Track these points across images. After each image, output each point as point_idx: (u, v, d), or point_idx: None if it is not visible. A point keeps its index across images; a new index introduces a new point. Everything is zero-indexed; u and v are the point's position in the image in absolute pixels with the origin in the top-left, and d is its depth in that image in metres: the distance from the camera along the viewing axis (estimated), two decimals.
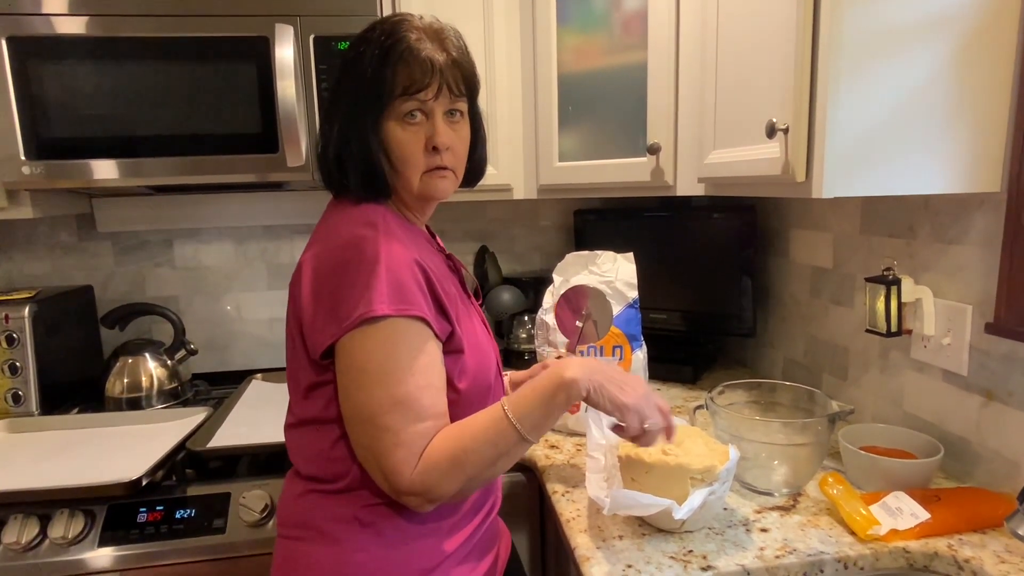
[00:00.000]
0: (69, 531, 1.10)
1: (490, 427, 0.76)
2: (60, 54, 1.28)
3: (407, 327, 0.74)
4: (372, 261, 0.74)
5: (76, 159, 1.31)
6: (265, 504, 1.15)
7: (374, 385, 0.73)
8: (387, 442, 0.73)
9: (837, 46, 0.88)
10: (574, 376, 0.77)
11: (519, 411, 0.76)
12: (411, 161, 0.82)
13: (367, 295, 0.72)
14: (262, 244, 1.83)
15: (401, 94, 0.79)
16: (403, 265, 0.75)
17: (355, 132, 0.81)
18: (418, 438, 0.75)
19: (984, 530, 0.92)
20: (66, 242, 1.74)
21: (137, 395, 1.55)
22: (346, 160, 0.82)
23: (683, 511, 0.85)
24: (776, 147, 0.97)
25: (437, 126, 0.81)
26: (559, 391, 0.77)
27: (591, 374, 0.79)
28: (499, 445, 0.76)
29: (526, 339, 1.81)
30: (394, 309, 0.73)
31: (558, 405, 0.78)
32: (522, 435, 0.76)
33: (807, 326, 1.47)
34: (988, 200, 1.00)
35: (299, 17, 1.34)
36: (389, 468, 0.74)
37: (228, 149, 1.36)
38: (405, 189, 0.85)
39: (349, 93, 0.81)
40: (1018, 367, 0.97)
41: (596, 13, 1.42)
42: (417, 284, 0.76)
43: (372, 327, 0.73)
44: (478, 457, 0.75)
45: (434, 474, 0.74)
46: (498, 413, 0.77)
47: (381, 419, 0.73)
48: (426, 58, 0.79)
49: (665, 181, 1.34)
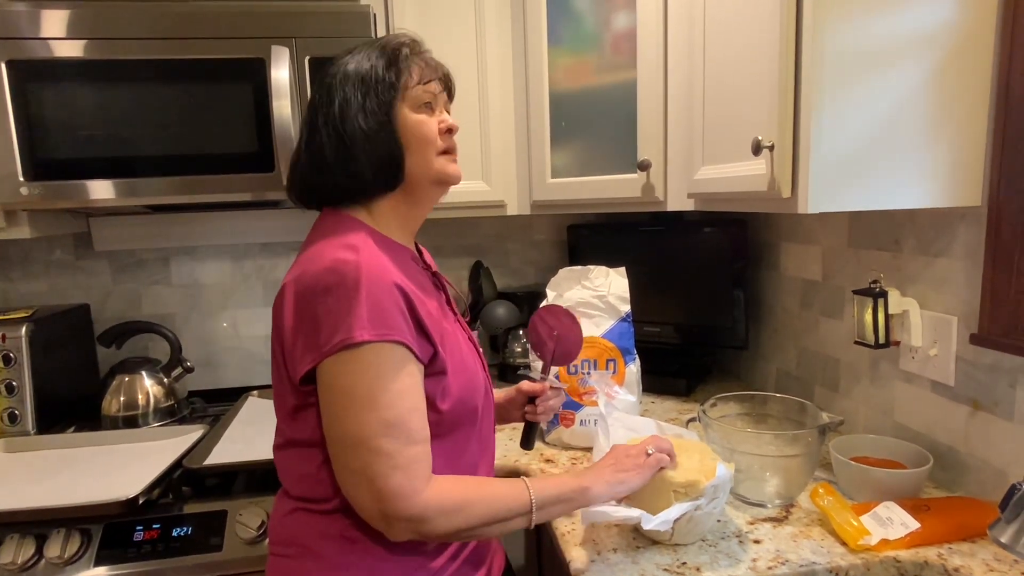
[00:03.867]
0: (65, 551, 1.10)
1: (508, 488, 0.82)
2: (59, 77, 1.30)
3: (389, 352, 0.75)
4: (352, 286, 0.74)
5: (74, 180, 1.32)
6: (262, 521, 1.16)
7: (363, 409, 0.73)
8: (383, 466, 0.73)
9: (819, 64, 0.91)
10: (598, 493, 0.87)
11: (538, 486, 0.83)
12: (429, 140, 0.85)
13: (347, 321, 0.73)
14: (258, 261, 1.84)
15: (418, 82, 0.85)
16: (383, 290, 0.75)
17: (375, 123, 0.82)
18: (414, 462, 0.75)
19: (973, 539, 0.93)
20: (63, 261, 1.75)
21: (133, 413, 1.55)
22: (360, 155, 0.82)
23: (654, 522, 0.86)
24: (762, 164, 1.00)
25: (444, 113, 0.88)
26: (578, 496, 0.86)
27: (609, 488, 0.88)
28: (509, 507, 0.80)
29: (521, 353, 1.82)
30: (374, 335, 0.73)
31: (572, 504, 0.86)
32: (532, 505, 0.81)
33: (798, 338, 1.49)
34: (970, 214, 1.02)
35: (295, 39, 1.36)
36: (388, 491, 0.73)
37: (224, 168, 1.37)
38: (423, 174, 0.86)
39: (356, 92, 0.82)
40: (1003, 377, 0.99)
41: (586, 33, 1.45)
42: (398, 308, 0.76)
43: (352, 353, 0.73)
44: (483, 509, 0.78)
45: (436, 508, 0.75)
46: (519, 481, 0.83)
47: (374, 442, 0.73)
48: (428, 59, 0.87)
49: (656, 197, 1.36)
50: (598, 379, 1.30)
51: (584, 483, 0.86)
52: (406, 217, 0.90)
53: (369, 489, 0.74)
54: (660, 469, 0.92)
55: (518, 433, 1.43)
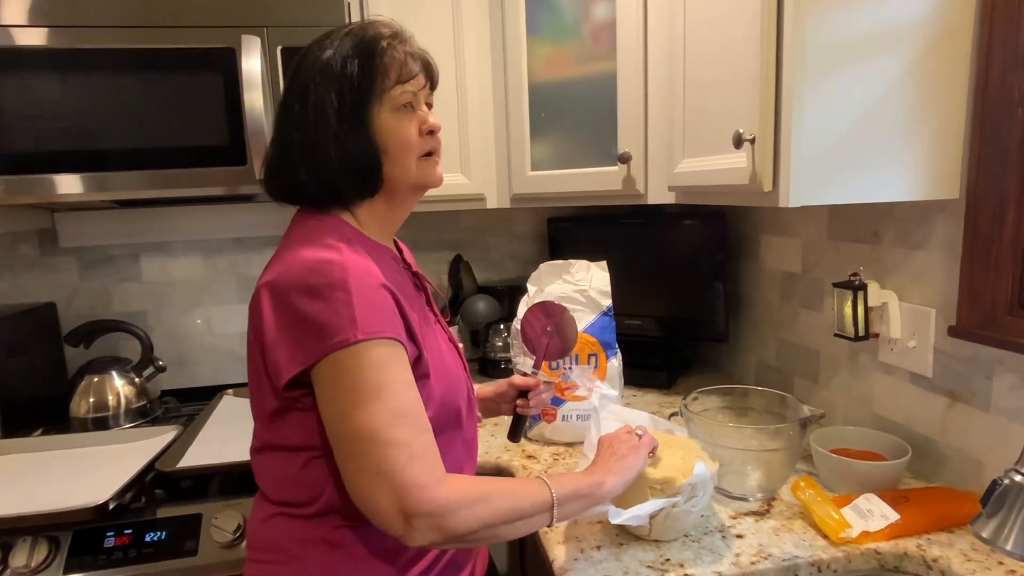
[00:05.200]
0: (32, 559, 1.06)
1: (527, 484, 0.79)
2: (22, 66, 1.24)
3: (385, 348, 0.73)
4: (341, 286, 0.71)
5: (39, 174, 1.27)
6: (238, 524, 1.13)
7: (370, 402, 0.70)
8: (400, 456, 0.70)
9: (801, 57, 0.90)
10: (612, 486, 0.85)
11: (556, 483, 0.80)
12: (410, 145, 0.81)
13: (337, 321, 0.70)
14: (232, 257, 1.80)
15: (397, 82, 0.80)
16: (371, 289, 0.73)
17: (349, 126, 0.78)
18: (429, 451, 0.72)
19: (951, 529, 0.94)
20: (27, 258, 1.69)
21: (104, 415, 1.51)
22: (334, 160, 0.78)
23: (623, 516, 0.85)
24: (743, 157, 0.99)
25: (426, 112, 0.84)
26: (594, 491, 0.84)
27: (619, 477, 0.86)
28: (533, 501, 0.77)
29: (502, 347, 1.81)
30: (367, 333, 0.71)
31: (589, 500, 0.83)
32: (554, 501, 0.78)
33: (778, 330, 1.50)
34: (948, 207, 1.03)
35: (266, 28, 1.32)
36: (409, 483, 0.69)
37: (195, 162, 1.33)
38: (402, 179, 0.83)
39: (331, 92, 0.78)
40: (980, 369, 1.00)
41: (565, 23, 1.43)
42: (388, 307, 0.74)
43: (349, 352, 0.71)
44: (508, 503, 0.75)
45: (458, 499, 0.71)
46: (536, 478, 0.81)
47: (386, 433, 0.70)
48: (409, 51, 0.82)
49: (636, 190, 1.36)
50: (579, 374, 1.29)
51: (596, 478, 0.84)
52: (385, 219, 0.87)
53: (388, 485, 0.69)
54: (652, 451, 0.92)
55: (499, 430, 1.42)
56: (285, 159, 0.81)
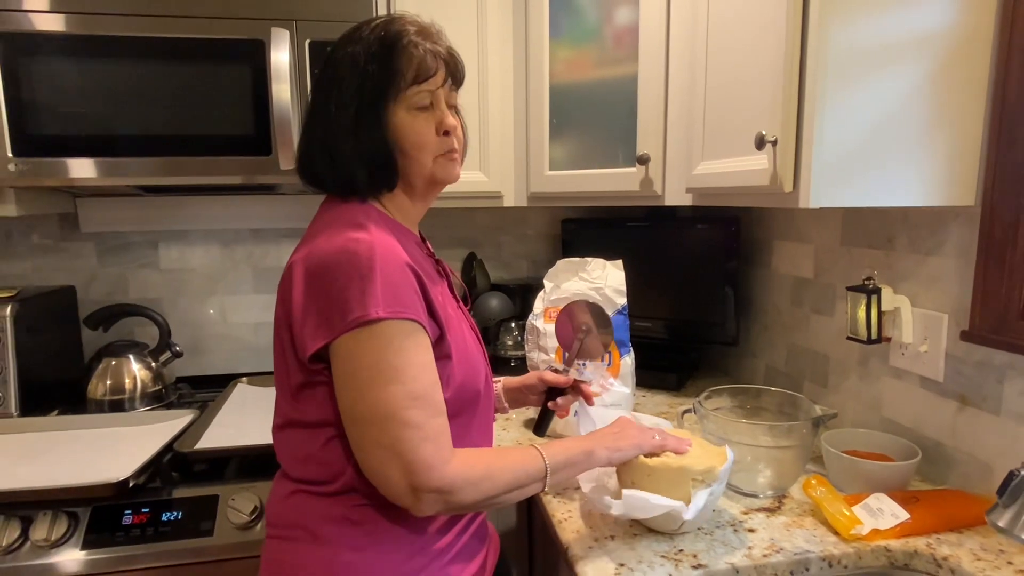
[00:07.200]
0: (52, 533, 1.08)
1: (524, 455, 0.83)
2: (50, 51, 1.27)
3: (405, 328, 0.75)
4: (366, 264, 0.73)
5: (64, 157, 1.30)
6: (254, 506, 1.15)
7: (389, 382, 0.73)
8: (413, 437, 0.73)
9: (824, 61, 0.92)
10: (599, 457, 0.90)
11: (549, 452, 0.85)
12: (426, 145, 0.83)
13: (362, 298, 0.72)
14: (249, 247, 1.82)
15: (413, 82, 0.81)
16: (396, 268, 0.75)
17: (365, 123, 0.80)
18: (440, 434, 0.76)
19: (960, 530, 0.95)
20: (48, 242, 1.71)
21: (120, 397, 1.53)
22: (349, 155, 0.81)
23: (691, 511, 0.88)
24: (764, 158, 1.01)
25: (444, 112, 0.84)
26: (584, 459, 0.89)
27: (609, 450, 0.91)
28: (528, 472, 0.82)
29: (512, 346, 1.83)
30: (389, 312, 0.73)
31: (578, 468, 0.89)
32: (547, 471, 0.83)
33: (788, 335, 1.51)
34: (963, 213, 1.05)
35: (295, 21, 1.35)
36: (419, 463, 0.73)
37: (218, 150, 1.36)
38: (418, 175, 0.85)
39: (351, 88, 0.81)
40: (991, 373, 1.01)
41: (588, 26, 1.46)
42: (411, 287, 0.76)
43: (369, 329, 0.73)
44: (507, 477, 0.80)
45: (463, 478, 0.76)
46: (531, 448, 0.85)
47: (402, 414, 0.73)
48: (431, 48, 0.83)
49: (654, 191, 1.37)
50: (593, 370, 1.30)
51: (588, 446, 0.89)
52: (407, 209, 0.90)
53: (400, 463, 0.73)
54: (655, 455, 0.93)
55: (510, 424, 1.44)
56: (309, 150, 0.85)
